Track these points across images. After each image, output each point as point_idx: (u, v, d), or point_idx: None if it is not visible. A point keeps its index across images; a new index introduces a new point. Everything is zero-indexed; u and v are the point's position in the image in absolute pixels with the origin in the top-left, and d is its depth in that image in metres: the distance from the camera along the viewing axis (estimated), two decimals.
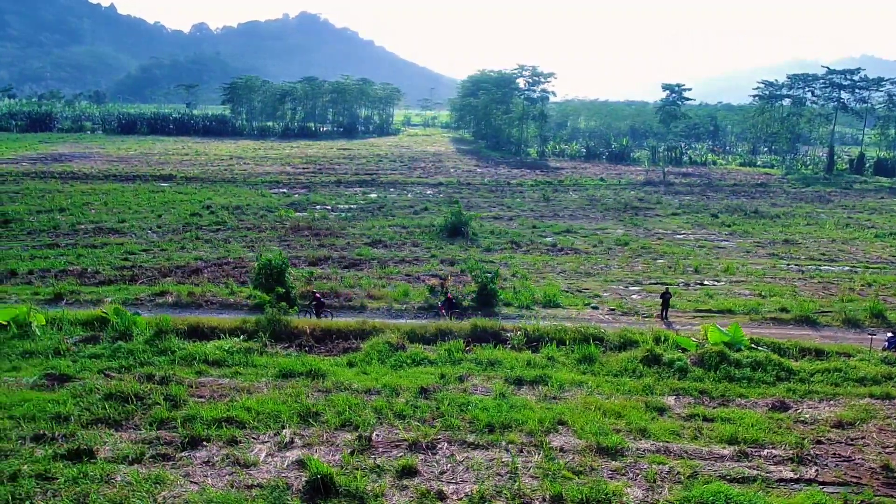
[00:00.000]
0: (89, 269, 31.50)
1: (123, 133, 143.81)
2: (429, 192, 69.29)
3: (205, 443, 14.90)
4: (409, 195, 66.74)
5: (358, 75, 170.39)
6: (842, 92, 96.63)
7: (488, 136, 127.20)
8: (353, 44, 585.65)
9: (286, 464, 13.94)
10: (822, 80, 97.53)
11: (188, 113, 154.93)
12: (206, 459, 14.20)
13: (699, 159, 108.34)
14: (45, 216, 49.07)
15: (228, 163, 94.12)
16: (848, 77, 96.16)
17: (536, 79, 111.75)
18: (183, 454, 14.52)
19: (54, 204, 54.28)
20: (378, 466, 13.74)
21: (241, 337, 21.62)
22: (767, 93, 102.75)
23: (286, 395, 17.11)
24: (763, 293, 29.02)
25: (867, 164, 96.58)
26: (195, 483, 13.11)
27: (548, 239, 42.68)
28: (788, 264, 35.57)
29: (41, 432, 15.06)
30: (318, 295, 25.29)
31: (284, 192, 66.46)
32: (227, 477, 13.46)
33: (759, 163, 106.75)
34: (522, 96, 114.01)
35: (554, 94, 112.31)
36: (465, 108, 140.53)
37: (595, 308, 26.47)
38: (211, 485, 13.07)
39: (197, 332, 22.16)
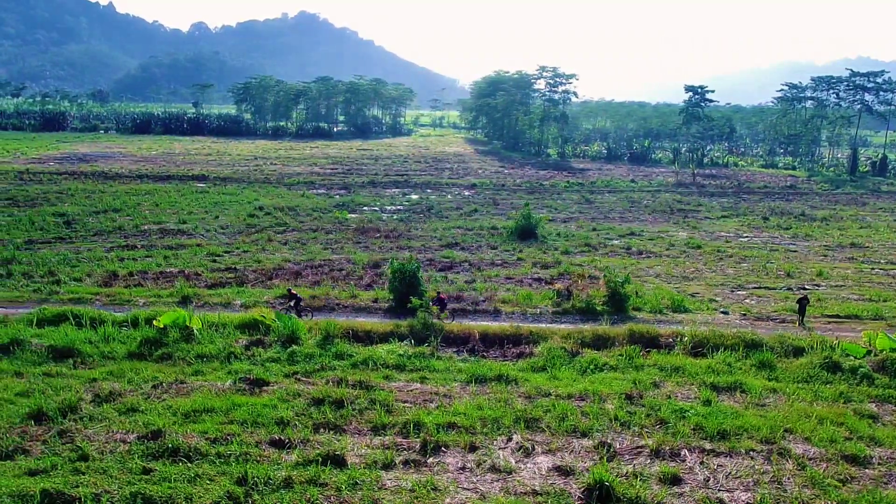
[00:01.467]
0: (186, 271, 31.40)
1: (137, 133, 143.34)
2: (466, 194, 69.32)
3: (443, 448, 14.94)
4: (449, 196, 66.76)
5: (356, 75, 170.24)
6: (865, 94, 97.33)
7: (507, 138, 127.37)
8: (353, 43, 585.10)
9: (544, 469, 13.94)
10: (845, 83, 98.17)
11: (202, 113, 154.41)
12: (461, 466, 14.21)
13: (720, 161, 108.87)
14: (103, 217, 48.88)
15: (255, 163, 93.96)
16: (872, 79, 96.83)
17: (558, 80, 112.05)
18: (431, 459, 14.54)
19: (104, 204, 54.03)
20: (638, 473, 13.78)
21: (408, 341, 21.56)
22: (791, 95, 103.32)
23: (493, 401, 17.13)
24: (871, 297, 29.22)
25: (890, 166, 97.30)
26: (468, 490, 13.11)
27: (615, 241, 42.82)
28: (872, 268, 35.83)
29: (276, 437, 15.03)
30: (294, 293, 25.11)
31: (324, 193, 66.35)
32: (495, 483, 13.47)
33: (780, 164, 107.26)
34: (545, 97, 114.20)
35: (576, 94, 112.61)
36: (482, 108, 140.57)
37: (725, 313, 26.53)
38: (485, 491, 13.08)
39: (354, 336, 22.10)
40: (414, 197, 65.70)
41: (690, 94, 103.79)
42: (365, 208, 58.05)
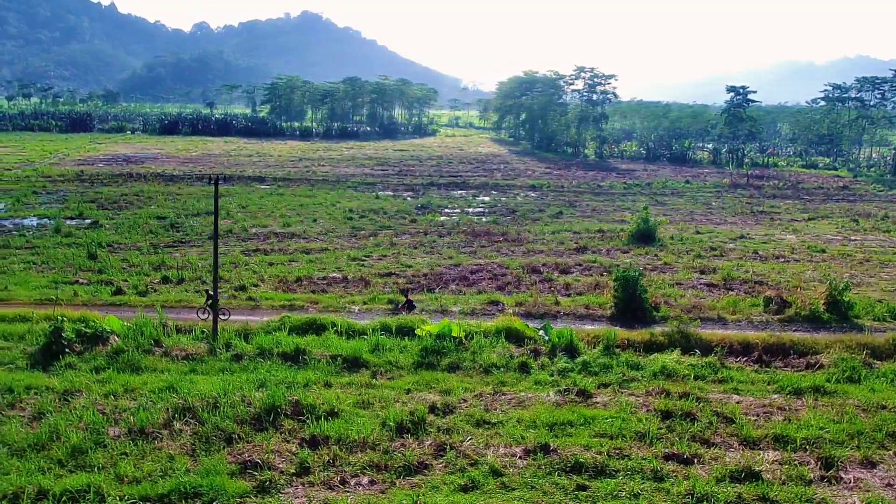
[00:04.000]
0: (350, 277, 31.14)
1: (165, 133, 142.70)
2: (532, 195, 69.12)
3: (840, 463, 14.75)
4: (519, 198, 66.55)
5: (381, 75, 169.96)
6: None
7: (540, 138, 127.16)
8: (356, 43, 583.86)
9: None
10: (889, 83, 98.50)
11: (228, 113, 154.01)
12: (886, 482, 14.13)
13: (761, 161, 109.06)
14: (203, 220, 48.60)
15: (305, 164, 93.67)
16: None
17: (596, 80, 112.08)
18: (843, 475, 14.32)
19: (191, 207, 53.64)
20: None
21: (675, 350, 21.20)
22: (835, 95, 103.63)
23: (837, 414, 16.96)
24: None
25: None
26: None
27: (731, 245, 42.74)
28: None
29: (669, 451, 14.92)
30: (210, 293, 24.71)
31: (392, 195, 66.04)
32: None
33: (820, 165, 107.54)
34: (583, 98, 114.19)
35: (615, 94, 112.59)
36: (511, 108, 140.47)
37: None
38: None
39: (615, 345, 21.71)
40: (486, 199, 65.49)
41: (732, 94, 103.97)
42: (446, 210, 57.81)
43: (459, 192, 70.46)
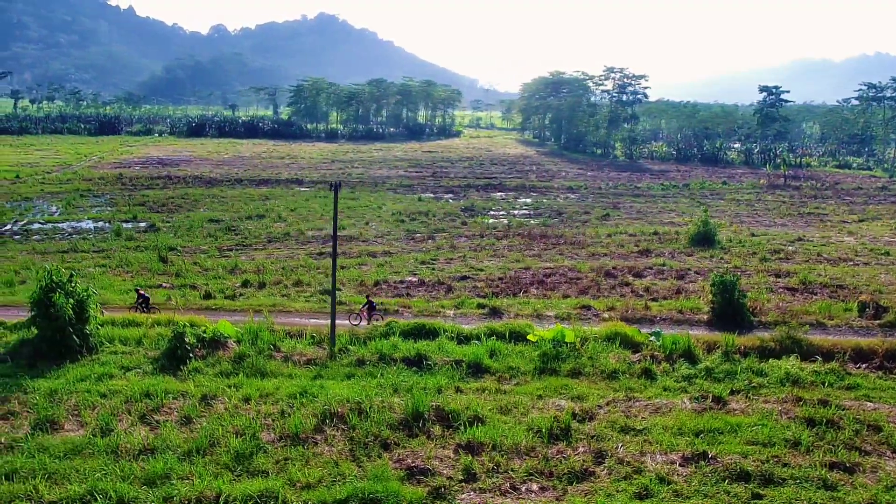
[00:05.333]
0: (427, 280, 31.26)
1: (192, 135, 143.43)
2: (572, 197, 68.97)
3: None
4: (560, 200, 66.43)
5: (405, 77, 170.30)
6: None
7: (568, 138, 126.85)
8: (373, 44, 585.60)
9: None
10: None
11: (256, 116, 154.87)
12: None
13: (793, 161, 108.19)
14: (255, 223, 48.87)
15: (338, 166, 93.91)
16: None
17: (627, 81, 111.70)
18: None
19: (240, 210, 53.91)
20: None
21: (815, 358, 21.01)
22: (871, 94, 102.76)
23: None
24: None
25: None
26: None
27: (790, 247, 42.49)
28: None
29: (831, 460, 14.86)
30: (141, 293, 25.80)
31: (433, 197, 66.07)
32: None
33: (853, 165, 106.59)
34: (613, 98, 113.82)
35: (646, 95, 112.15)
36: (538, 109, 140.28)
37: None
38: None
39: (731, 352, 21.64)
40: (527, 201, 65.43)
41: (765, 94, 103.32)
42: (491, 212, 57.83)
43: (498, 193, 70.38)
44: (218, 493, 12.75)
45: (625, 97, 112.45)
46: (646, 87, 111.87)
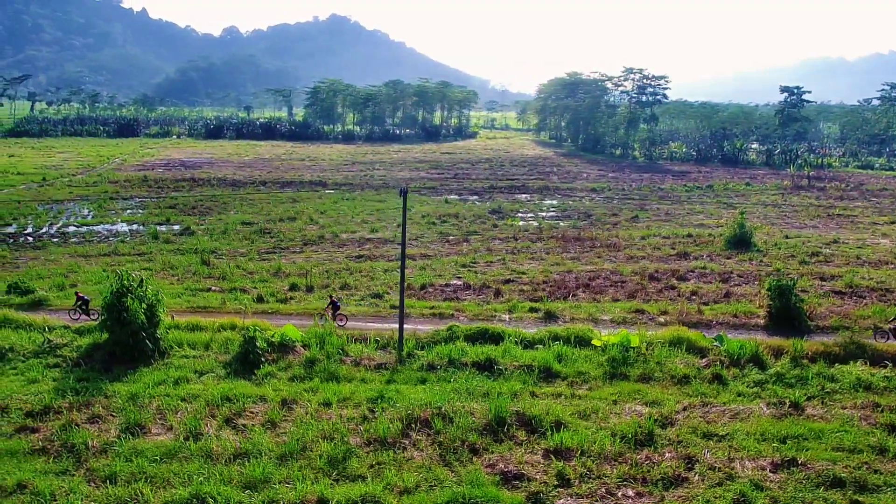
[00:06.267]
0: (472, 284, 31.45)
1: (210, 137, 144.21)
2: (597, 199, 68.96)
3: None
4: (586, 202, 66.42)
5: (421, 78, 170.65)
6: None
7: (586, 140, 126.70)
8: (385, 45, 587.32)
9: None
10: None
11: (274, 117, 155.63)
12: None
13: (815, 161, 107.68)
14: (288, 225, 49.21)
15: (359, 168, 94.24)
16: None
17: (646, 81, 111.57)
18: None
19: (270, 213, 54.27)
20: None
21: (885, 364, 21.06)
22: (894, 94, 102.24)
23: None
24: None
25: None
26: None
27: (827, 250, 42.40)
28: None
29: None
30: (80, 295, 25.28)
31: (458, 199, 66.27)
32: None
33: (875, 165, 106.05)
34: (632, 99, 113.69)
35: (665, 96, 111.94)
36: (556, 110, 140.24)
37: None
38: None
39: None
40: (552, 202, 65.53)
41: (786, 94, 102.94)
42: (519, 214, 57.98)
43: (523, 195, 70.48)
44: (320, 498, 12.97)
45: (644, 98, 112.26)
46: (666, 88, 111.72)
